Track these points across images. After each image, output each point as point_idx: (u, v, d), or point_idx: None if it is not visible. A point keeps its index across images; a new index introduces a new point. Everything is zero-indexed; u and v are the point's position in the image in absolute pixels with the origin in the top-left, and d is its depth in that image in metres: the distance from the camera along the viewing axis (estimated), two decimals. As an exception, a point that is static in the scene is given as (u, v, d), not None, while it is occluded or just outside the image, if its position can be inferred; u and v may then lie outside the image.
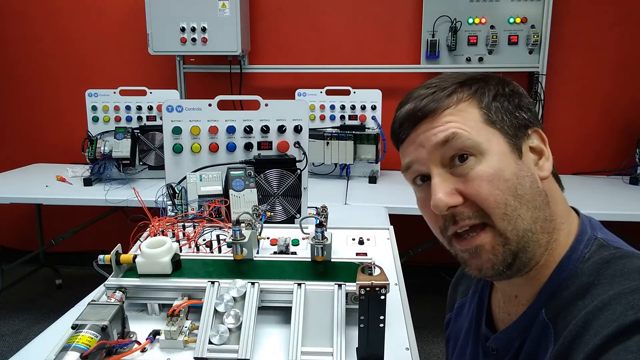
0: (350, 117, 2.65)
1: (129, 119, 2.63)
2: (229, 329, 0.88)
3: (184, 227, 1.35)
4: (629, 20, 2.77)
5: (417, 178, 0.69)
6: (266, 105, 1.59)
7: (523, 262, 0.62)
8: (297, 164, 1.58)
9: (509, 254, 0.61)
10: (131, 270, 1.02)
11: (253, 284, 0.95)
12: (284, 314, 0.98)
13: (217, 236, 1.27)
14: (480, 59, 2.79)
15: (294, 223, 1.56)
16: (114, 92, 2.62)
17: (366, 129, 2.56)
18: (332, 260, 1.07)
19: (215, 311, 0.91)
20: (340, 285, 0.95)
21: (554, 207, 0.64)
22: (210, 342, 0.87)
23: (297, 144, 1.61)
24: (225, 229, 1.33)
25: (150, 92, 2.64)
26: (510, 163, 0.62)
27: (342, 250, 1.29)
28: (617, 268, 0.57)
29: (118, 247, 1.03)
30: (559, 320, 0.59)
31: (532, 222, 0.61)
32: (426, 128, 0.65)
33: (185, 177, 1.53)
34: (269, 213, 1.54)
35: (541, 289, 0.64)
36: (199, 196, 1.48)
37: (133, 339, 0.89)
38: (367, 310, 0.88)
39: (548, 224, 0.63)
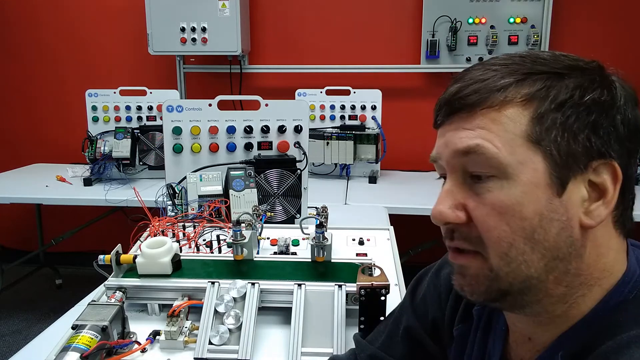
0: (350, 117, 2.64)
1: (129, 119, 2.63)
2: (229, 330, 0.88)
3: (184, 227, 1.35)
4: (629, 20, 2.77)
5: (442, 176, 0.58)
6: (266, 105, 1.59)
7: (521, 302, 0.52)
8: (297, 164, 1.58)
9: (495, 290, 0.51)
10: (131, 270, 1.02)
11: (253, 284, 0.95)
12: (284, 314, 0.98)
13: (217, 236, 1.27)
14: (480, 59, 2.79)
15: (294, 223, 1.56)
16: (114, 92, 2.62)
17: (366, 129, 2.55)
18: (332, 260, 1.07)
19: (216, 311, 0.91)
20: (340, 286, 0.95)
21: (591, 260, 0.51)
22: (210, 343, 0.87)
23: (297, 144, 1.61)
24: (226, 229, 1.33)
25: (150, 92, 2.64)
26: (538, 199, 0.48)
27: (342, 250, 1.29)
28: None
29: (118, 247, 1.03)
30: None
31: (544, 271, 0.50)
32: (457, 126, 0.52)
33: (185, 177, 1.53)
34: (269, 213, 1.54)
35: (563, 334, 0.53)
36: (199, 196, 1.48)
37: (133, 339, 0.89)
38: (367, 311, 0.88)
39: (571, 277, 0.50)
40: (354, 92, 2.63)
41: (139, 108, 2.64)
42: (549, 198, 0.48)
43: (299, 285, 0.96)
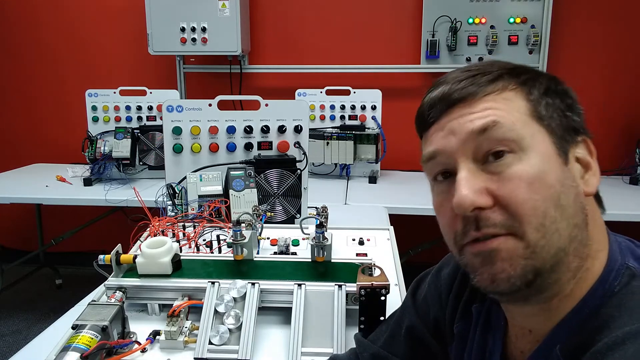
0: (350, 117, 2.64)
1: (129, 119, 2.63)
2: (229, 330, 0.88)
3: (184, 227, 1.35)
4: (629, 20, 2.77)
5: (439, 174, 0.58)
6: (266, 105, 1.59)
7: (546, 283, 0.51)
8: (297, 164, 1.58)
9: (531, 270, 0.50)
10: (131, 270, 1.02)
11: (253, 284, 0.95)
12: (284, 314, 0.98)
13: (217, 236, 1.27)
14: (480, 59, 2.79)
15: (294, 223, 1.56)
16: (114, 92, 2.62)
17: (366, 129, 2.55)
18: (332, 260, 1.07)
19: (216, 311, 0.91)
20: (340, 286, 0.95)
21: (592, 230, 0.54)
22: (210, 343, 0.87)
23: (297, 144, 1.61)
24: (226, 229, 1.33)
25: (150, 92, 2.64)
26: (555, 167, 0.52)
27: (342, 250, 1.29)
28: None
29: (118, 247, 1.03)
30: (574, 359, 0.50)
31: (569, 240, 0.51)
32: (461, 113, 0.54)
33: (185, 177, 1.53)
34: (269, 213, 1.54)
35: (558, 324, 0.53)
36: (199, 196, 1.48)
37: (133, 339, 0.89)
38: (367, 311, 0.88)
39: (583, 247, 0.52)
40: (354, 92, 2.63)
41: (139, 108, 2.64)
42: (561, 167, 0.53)
43: (299, 285, 0.96)
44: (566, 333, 0.52)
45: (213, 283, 0.96)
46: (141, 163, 2.47)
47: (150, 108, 2.64)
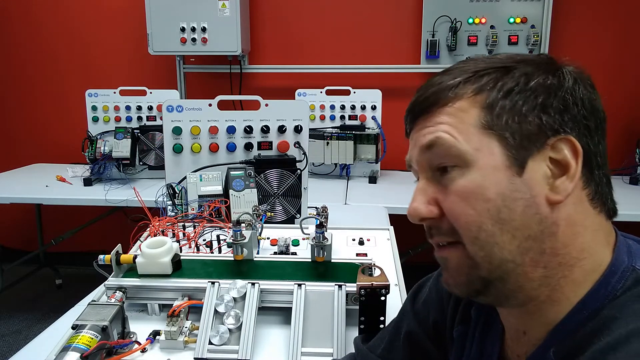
0: (350, 117, 2.65)
1: (129, 119, 2.63)
2: (229, 330, 0.88)
3: (184, 227, 1.35)
4: (629, 20, 2.77)
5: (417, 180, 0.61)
6: (266, 105, 1.59)
7: (506, 290, 0.53)
8: (297, 164, 1.58)
9: (477, 280, 0.53)
10: (131, 270, 1.03)
11: (253, 284, 0.95)
12: (284, 314, 0.98)
13: (217, 236, 1.27)
14: (480, 59, 2.79)
15: (294, 223, 1.56)
16: (114, 92, 2.62)
17: (366, 129, 2.55)
18: (332, 260, 1.07)
19: (216, 311, 0.91)
20: (340, 286, 0.95)
21: (567, 239, 0.52)
22: (210, 343, 0.87)
23: (297, 144, 1.61)
24: (226, 229, 1.33)
25: (150, 92, 2.64)
26: (499, 180, 0.51)
27: (342, 250, 1.29)
28: None
29: (118, 247, 1.03)
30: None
31: (518, 253, 0.51)
32: (421, 126, 0.57)
33: (185, 177, 1.53)
34: (269, 213, 1.54)
35: (555, 327, 0.53)
36: (199, 196, 1.48)
37: (133, 339, 0.89)
38: (367, 311, 0.88)
39: (548, 257, 0.51)
40: (354, 92, 2.63)
41: (139, 108, 2.64)
42: (509, 178, 0.51)
43: (299, 285, 0.96)
44: (562, 336, 0.52)
45: (213, 283, 0.96)
46: (141, 163, 2.47)
47: (150, 108, 2.64)
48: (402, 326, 0.79)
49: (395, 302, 1.02)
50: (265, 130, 1.60)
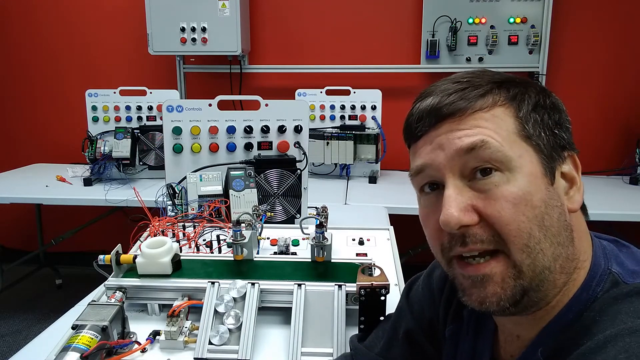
0: (350, 117, 2.64)
1: (129, 119, 2.63)
2: (229, 330, 0.88)
3: (184, 227, 1.35)
4: (629, 20, 2.77)
5: (426, 185, 0.58)
6: (266, 105, 1.59)
7: (533, 300, 0.53)
8: (297, 164, 1.58)
9: (519, 290, 0.52)
10: (131, 270, 1.03)
11: (253, 284, 0.95)
12: (284, 314, 0.98)
13: (217, 236, 1.27)
14: (480, 59, 2.79)
15: (294, 223, 1.56)
16: (114, 92, 2.62)
17: (366, 129, 2.55)
18: (332, 260, 1.07)
19: (216, 312, 0.91)
20: (340, 286, 0.96)
21: (577, 244, 0.54)
22: (210, 343, 0.87)
23: (297, 144, 1.61)
24: (226, 229, 1.33)
25: (150, 92, 2.64)
26: (540, 188, 0.52)
27: (342, 250, 1.29)
28: (624, 305, 0.49)
29: (118, 247, 1.03)
30: None
31: (553, 259, 0.52)
32: (450, 128, 0.54)
33: (185, 177, 1.53)
34: (269, 213, 1.54)
35: (542, 329, 0.55)
36: (199, 196, 1.48)
37: (133, 339, 0.89)
38: (367, 311, 0.88)
39: (569, 263, 0.53)
40: (354, 92, 2.63)
41: (139, 108, 2.64)
42: (546, 186, 0.53)
43: (299, 285, 0.96)
44: (549, 337, 0.54)
45: (213, 283, 0.96)
46: (141, 163, 2.47)
47: (150, 108, 2.64)
48: (400, 325, 0.79)
49: (395, 302, 1.02)
50: (265, 130, 1.60)
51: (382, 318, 0.88)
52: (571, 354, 0.48)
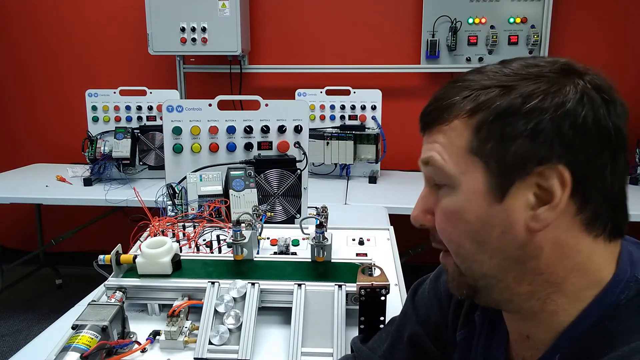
0: (350, 117, 2.64)
1: (129, 119, 2.63)
2: (229, 330, 0.88)
3: (184, 227, 1.35)
4: (629, 20, 2.77)
5: None
6: (266, 105, 1.59)
7: (492, 299, 0.56)
8: (297, 164, 1.58)
9: (467, 286, 0.57)
10: (131, 270, 1.03)
11: (253, 284, 0.95)
12: (284, 314, 0.98)
13: (217, 236, 1.27)
14: (480, 59, 2.79)
15: (294, 223, 1.56)
16: (114, 92, 2.62)
17: (366, 129, 2.55)
18: (332, 260, 1.07)
19: (216, 312, 0.91)
20: (340, 286, 0.96)
21: (555, 260, 0.52)
22: (210, 343, 0.87)
23: (297, 144, 1.61)
24: (226, 229, 1.33)
25: (150, 92, 2.64)
26: (479, 205, 0.52)
27: (342, 250, 1.29)
28: None
29: (118, 247, 1.03)
30: None
31: (499, 270, 0.53)
32: (425, 139, 0.59)
33: (185, 177, 1.53)
34: (269, 213, 1.54)
35: (561, 334, 0.53)
36: (199, 196, 1.48)
37: (133, 339, 0.89)
38: (367, 311, 0.88)
39: (531, 276, 0.53)
40: (354, 92, 2.63)
41: (139, 108, 2.64)
42: (489, 204, 0.52)
43: (299, 285, 0.96)
44: (567, 343, 0.53)
45: (213, 283, 0.96)
46: (141, 163, 2.47)
47: (150, 108, 2.64)
48: (405, 329, 0.79)
49: (395, 302, 1.02)
50: (265, 130, 1.60)
51: (382, 318, 0.88)
52: None
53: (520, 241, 0.51)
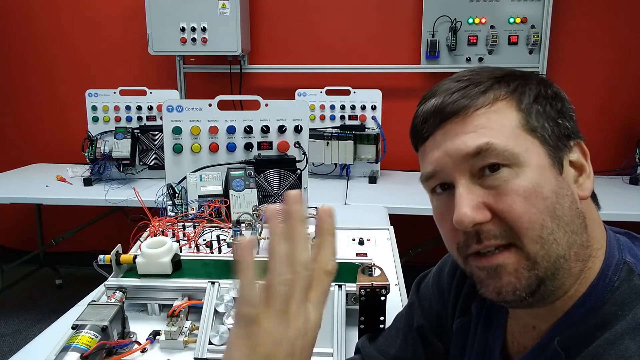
0: (350, 117, 2.64)
1: (129, 119, 2.63)
2: (229, 330, 0.88)
3: (184, 227, 1.35)
4: (629, 20, 2.77)
5: (437, 186, 0.59)
6: (266, 105, 1.59)
7: (549, 290, 0.53)
8: (297, 164, 1.58)
9: (535, 280, 0.52)
10: (131, 270, 1.03)
11: (253, 284, 0.95)
12: (284, 314, 0.98)
13: (217, 236, 1.27)
14: (480, 59, 2.79)
15: (294, 223, 1.56)
16: (114, 92, 2.62)
17: (366, 129, 2.55)
18: (332, 260, 1.07)
19: (216, 311, 0.91)
20: (340, 286, 0.95)
21: (591, 231, 0.55)
22: (210, 343, 0.87)
23: (297, 144, 1.61)
24: (226, 229, 1.33)
25: (150, 92, 2.64)
26: (550, 179, 0.53)
27: (342, 250, 1.29)
28: None
29: (118, 247, 1.03)
30: (572, 351, 0.52)
31: (568, 248, 0.52)
32: (454, 130, 0.55)
33: (185, 177, 1.53)
34: (269, 213, 1.54)
35: (560, 319, 0.55)
36: (199, 196, 1.48)
37: (133, 339, 0.89)
38: (367, 311, 0.88)
39: (584, 250, 0.54)
40: (354, 92, 2.63)
41: (139, 108, 2.64)
42: (555, 177, 0.54)
43: (299, 285, 0.95)
44: (566, 327, 0.54)
45: (213, 283, 0.96)
46: (141, 163, 2.47)
47: (150, 108, 2.64)
48: (413, 321, 0.79)
49: (395, 302, 1.02)
50: (265, 130, 1.60)
51: (382, 318, 0.88)
52: (589, 346, 0.49)
53: (580, 211, 0.54)
